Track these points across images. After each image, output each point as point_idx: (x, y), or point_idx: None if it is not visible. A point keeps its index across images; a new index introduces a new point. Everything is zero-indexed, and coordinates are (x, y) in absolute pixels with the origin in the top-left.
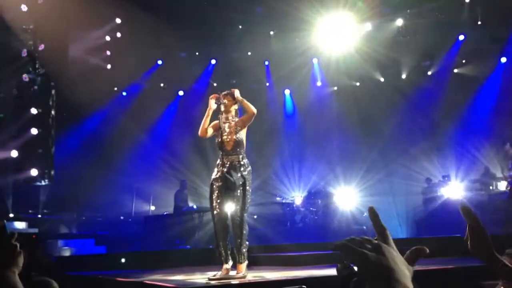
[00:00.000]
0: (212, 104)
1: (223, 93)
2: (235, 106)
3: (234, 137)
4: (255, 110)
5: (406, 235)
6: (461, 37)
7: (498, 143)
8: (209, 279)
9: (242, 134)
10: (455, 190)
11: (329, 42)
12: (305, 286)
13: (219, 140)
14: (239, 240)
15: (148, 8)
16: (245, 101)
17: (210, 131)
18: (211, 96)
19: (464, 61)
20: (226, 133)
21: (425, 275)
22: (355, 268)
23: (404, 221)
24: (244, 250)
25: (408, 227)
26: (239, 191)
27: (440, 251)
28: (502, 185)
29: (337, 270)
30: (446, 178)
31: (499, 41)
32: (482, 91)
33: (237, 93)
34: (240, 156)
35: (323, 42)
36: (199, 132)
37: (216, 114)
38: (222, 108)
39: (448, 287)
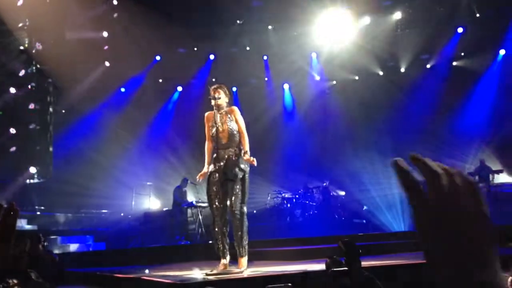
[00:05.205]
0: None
1: (213, 87)
2: (226, 99)
3: (228, 128)
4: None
5: (405, 228)
6: (460, 30)
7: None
8: (207, 274)
9: (235, 125)
10: None
11: (328, 36)
12: (290, 284)
13: (215, 132)
14: (240, 233)
15: (146, 3)
16: (248, 157)
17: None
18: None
19: (463, 53)
20: (219, 125)
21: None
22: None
23: (401, 214)
24: (245, 243)
25: (407, 221)
26: (238, 184)
27: None
28: (500, 177)
29: (326, 265)
30: None
31: (498, 33)
32: (481, 83)
33: (246, 156)
34: (236, 148)
35: (322, 36)
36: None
37: (210, 107)
38: (213, 102)
39: None
